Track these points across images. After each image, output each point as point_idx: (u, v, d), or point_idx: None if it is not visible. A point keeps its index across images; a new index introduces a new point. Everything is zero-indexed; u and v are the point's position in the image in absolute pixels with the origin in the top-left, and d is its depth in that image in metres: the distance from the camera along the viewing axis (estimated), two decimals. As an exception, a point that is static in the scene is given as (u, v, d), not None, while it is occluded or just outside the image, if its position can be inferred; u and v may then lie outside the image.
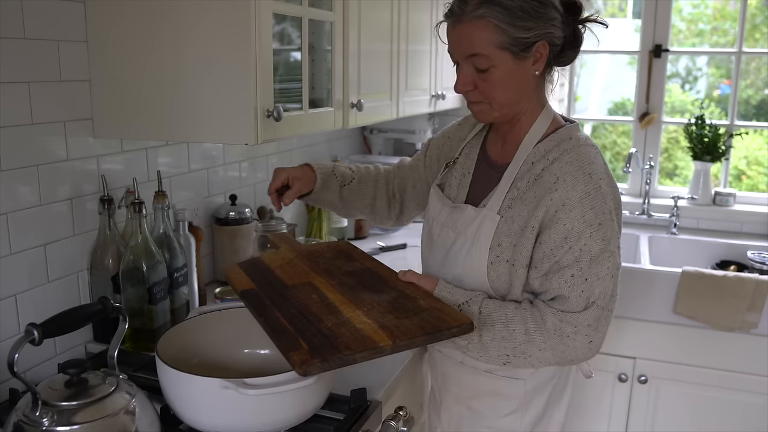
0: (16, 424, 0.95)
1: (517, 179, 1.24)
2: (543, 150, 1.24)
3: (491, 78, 1.19)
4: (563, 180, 1.18)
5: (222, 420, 1.05)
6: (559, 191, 1.17)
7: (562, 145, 1.23)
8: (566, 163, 1.19)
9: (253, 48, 1.29)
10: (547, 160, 1.22)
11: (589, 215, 1.16)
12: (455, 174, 1.39)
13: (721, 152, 2.76)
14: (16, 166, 1.30)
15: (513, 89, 1.21)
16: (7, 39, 1.25)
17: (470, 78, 1.21)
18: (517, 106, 1.25)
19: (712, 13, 5.37)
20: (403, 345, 1.03)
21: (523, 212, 1.21)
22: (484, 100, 1.23)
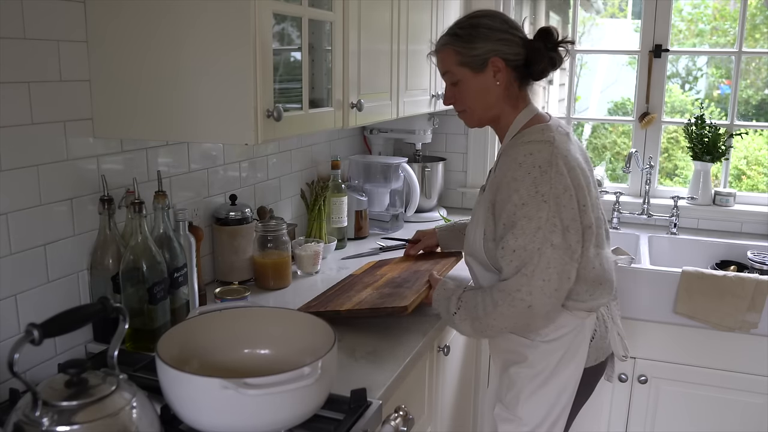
0: (16, 424, 0.95)
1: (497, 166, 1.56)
2: (506, 145, 1.56)
3: (461, 90, 1.56)
4: (500, 168, 1.50)
5: (222, 420, 1.05)
6: (497, 177, 1.49)
7: (525, 134, 1.52)
8: (507, 155, 1.49)
9: (253, 48, 1.29)
10: (506, 155, 1.51)
11: (515, 197, 1.42)
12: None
13: (721, 152, 2.76)
14: (16, 166, 1.30)
15: (480, 97, 1.55)
16: (7, 39, 1.25)
17: (450, 92, 1.60)
18: (491, 110, 1.57)
19: (712, 13, 5.37)
20: (353, 312, 1.61)
21: (489, 195, 1.52)
22: (463, 109, 1.60)
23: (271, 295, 1.87)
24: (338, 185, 2.33)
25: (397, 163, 2.63)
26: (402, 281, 1.79)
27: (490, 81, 1.53)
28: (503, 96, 1.55)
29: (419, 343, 1.57)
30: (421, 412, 1.72)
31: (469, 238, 1.62)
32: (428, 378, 1.75)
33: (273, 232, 1.94)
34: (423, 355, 1.63)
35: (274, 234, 1.94)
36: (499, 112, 1.57)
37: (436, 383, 1.82)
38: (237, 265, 1.92)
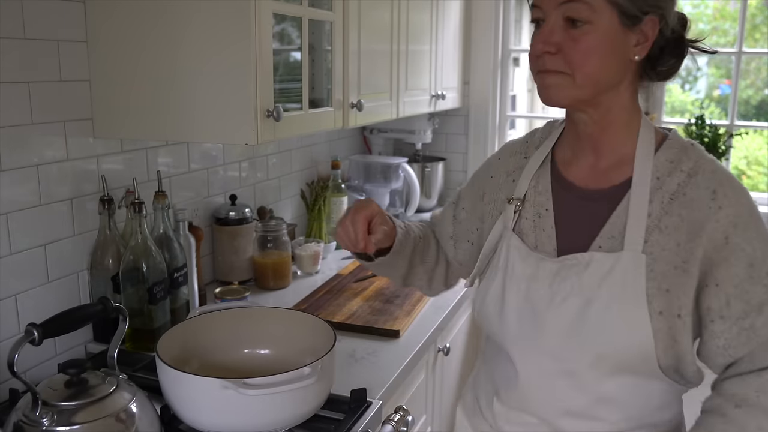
0: (16, 424, 0.95)
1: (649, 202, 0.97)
2: (667, 161, 0.98)
3: (585, 39, 0.92)
4: (724, 194, 0.93)
5: (222, 420, 1.05)
6: (725, 209, 0.93)
7: (689, 152, 0.98)
8: (713, 172, 0.96)
9: (253, 48, 1.29)
10: (681, 173, 0.96)
11: (764, 230, 0.95)
12: (527, 216, 1.07)
13: (721, 152, 2.76)
14: (16, 166, 1.30)
15: (607, 64, 0.94)
16: (7, 39, 1.25)
17: (557, 35, 0.94)
18: (605, 92, 0.97)
19: (712, 13, 5.37)
20: (345, 325, 1.62)
21: (668, 244, 0.94)
22: (565, 70, 0.94)
23: (271, 295, 1.87)
24: (338, 185, 2.33)
25: (397, 163, 2.63)
26: (391, 295, 1.82)
27: (630, 48, 0.96)
28: (630, 80, 1.00)
29: (419, 343, 1.57)
30: (421, 412, 1.72)
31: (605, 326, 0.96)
32: (428, 378, 1.75)
33: (273, 232, 1.94)
34: (423, 355, 1.63)
35: (274, 234, 1.94)
36: (614, 104, 1.00)
37: (436, 383, 1.82)
38: (237, 265, 1.92)
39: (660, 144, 1.00)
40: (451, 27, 2.58)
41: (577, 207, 1.03)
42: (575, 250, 1.00)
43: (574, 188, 1.04)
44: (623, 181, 1.00)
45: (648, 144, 1.00)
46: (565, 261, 1.00)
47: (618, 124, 1.01)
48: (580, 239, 1.00)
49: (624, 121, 1.01)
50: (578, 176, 1.05)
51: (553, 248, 1.03)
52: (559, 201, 1.05)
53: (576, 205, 1.03)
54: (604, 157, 1.03)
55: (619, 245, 0.96)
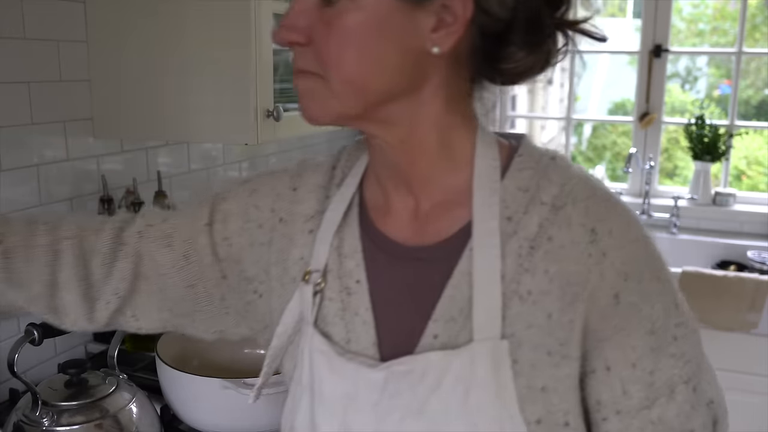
0: (16, 424, 0.95)
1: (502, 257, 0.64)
2: (519, 190, 0.65)
3: (339, 23, 0.60)
4: (608, 232, 0.63)
5: (222, 420, 1.05)
6: (611, 254, 0.62)
7: (549, 172, 0.66)
8: (588, 198, 0.64)
9: (253, 48, 1.29)
10: (542, 205, 0.64)
11: (663, 275, 0.67)
12: (330, 295, 0.70)
13: (721, 152, 2.76)
14: (16, 166, 1.30)
15: (379, 61, 0.61)
16: (7, 39, 1.25)
17: (307, 16, 0.61)
18: (390, 105, 0.63)
19: (712, 13, 5.37)
20: None
21: (535, 319, 0.62)
22: (317, 69, 0.62)
23: (271, 295, 1.87)
24: (338, 185, 2.32)
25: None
26: None
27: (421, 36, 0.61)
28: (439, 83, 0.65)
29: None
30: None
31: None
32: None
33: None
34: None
35: (274, 234, 1.94)
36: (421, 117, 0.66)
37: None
38: (237, 265, 1.92)
39: (507, 164, 0.67)
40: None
41: (399, 275, 0.68)
42: (404, 344, 0.64)
43: (392, 246, 0.69)
44: (460, 230, 0.66)
45: (489, 170, 0.66)
46: (392, 368, 0.64)
47: (432, 147, 0.66)
48: (408, 325, 0.65)
49: (441, 142, 0.66)
50: (396, 227, 0.69)
51: (372, 343, 0.66)
52: (376, 268, 0.69)
53: (397, 271, 0.68)
54: (425, 197, 0.68)
55: (465, 333, 0.62)
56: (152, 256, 0.79)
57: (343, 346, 0.68)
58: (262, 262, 0.76)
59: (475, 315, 0.62)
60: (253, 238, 0.77)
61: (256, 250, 0.77)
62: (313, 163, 0.79)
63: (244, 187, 0.79)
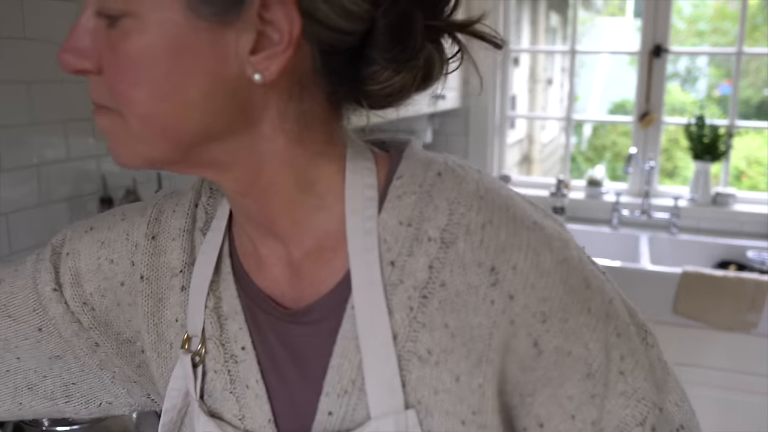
0: (16, 424, 0.95)
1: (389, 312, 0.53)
2: (400, 224, 0.53)
3: (124, 45, 0.48)
4: (511, 268, 0.51)
5: (222, 420, 1.05)
6: (520, 295, 0.51)
7: (434, 195, 0.53)
8: (483, 226, 0.51)
9: (253, 48, 1.29)
10: (429, 242, 0.52)
11: (594, 303, 0.53)
12: (214, 366, 0.60)
13: (721, 152, 2.76)
14: (16, 166, 1.30)
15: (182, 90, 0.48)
16: (7, 39, 1.25)
17: (90, 36, 0.53)
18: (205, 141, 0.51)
19: (712, 13, 5.37)
20: None
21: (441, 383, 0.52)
22: (112, 105, 0.53)
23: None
24: (338, 185, 2.32)
25: (397, 163, 2.63)
26: None
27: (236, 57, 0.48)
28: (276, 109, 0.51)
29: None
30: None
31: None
32: None
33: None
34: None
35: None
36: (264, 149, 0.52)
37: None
38: (237, 265, 1.91)
39: (386, 190, 0.55)
40: (451, 27, 2.58)
41: (282, 338, 0.57)
42: (300, 420, 0.56)
43: (270, 306, 0.58)
44: (338, 283, 0.55)
45: (363, 203, 0.54)
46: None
47: (287, 188, 0.54)
48: (300, 398, 0.56)
49: (297, 180, 0.54)
50: (272, 281, 0.59)
51: (267, 420, 0.58)
52: (259, 331, 0.59)
53: (280, 335, 0.58)
54: (294, 245, 0.57)
55: (362, 407, 0.53)
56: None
57: (237, 424, 0.58)
58: (134, 323, 0.65)
59: (368, 386, 0.52)
60: (118, 298, 0.64)
61: (125, 310, 0.64)
62: (171, 201, 0.64)
63: (91, 237, 0.65)
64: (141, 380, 0.68)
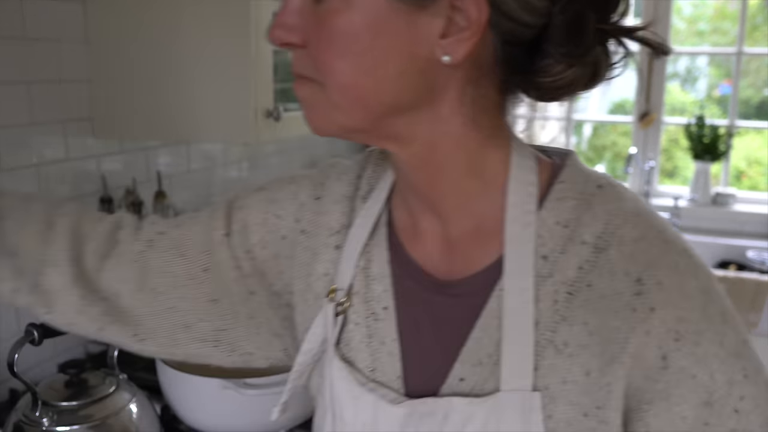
0: (16, 424, 0.95)
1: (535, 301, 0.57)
2: (557, 224, 0.57)
3: (331, 21, 0.53)
4: (657, 283, 0.53)
5: (222, 420, 1.05)
6: (660, 310, 0.53)
7: (593, 204, 0.57)
8: (636, 241, 0.55)
9: (252, 48, 1.29)
10: (583, 245, 0.56)
11: (727, 338, 0.54)
12: (356, 319, 0.65)
13: (721, 152, 2.76)
14: (16, 166, 1.30)
15: (380, 64, 0.53)
16: (7, 39, 1.25)
17: (299, 12, 0.57)
18: (399, 118, 0.56)
19: (712, 13, 5.37)
20: None
21: (571, 374, 0.55)
22: (314, 75, 0.56)
23: (271, 295, 1.87)
24: (338, 185, 2.32)
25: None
26: None
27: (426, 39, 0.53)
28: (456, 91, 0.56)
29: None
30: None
31: None
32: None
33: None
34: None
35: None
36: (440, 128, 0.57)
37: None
38: (237, 265, 1.92)
39: (547, 191, 0.59)
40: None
41: (426, 306, 0.62)
42: (429, 381, 0.60)
43: (421, 276, 0.63)
44: (491, 264, 0.59)
45: (524, 197, 0.58)
46: (414, 407, 0.59)
47: (457, 169, 0.59)
48: (434, 362, 0.60)
49: (469, 163, 0.58)
50: (426, 253, 0.63)
51: (397, 376, 0.62)
52: (404, 296, 0.63)
53: (425, 303, 0.62)
54: (454, 223, 0.61)
55: (493, 380, 0.56)
56: (163, 268, 0.71)
57: (367, 374, 0.63)
58: (285, 276, 0.71)
59: (503, 362, 0.55)
60: (278, 250, 0.71)
61: (281, 263, 0.71)
62: (337, 170, 0.71)
63: (262, 195, 0.72)
64: (283, 334, 0.73)
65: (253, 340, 0.74)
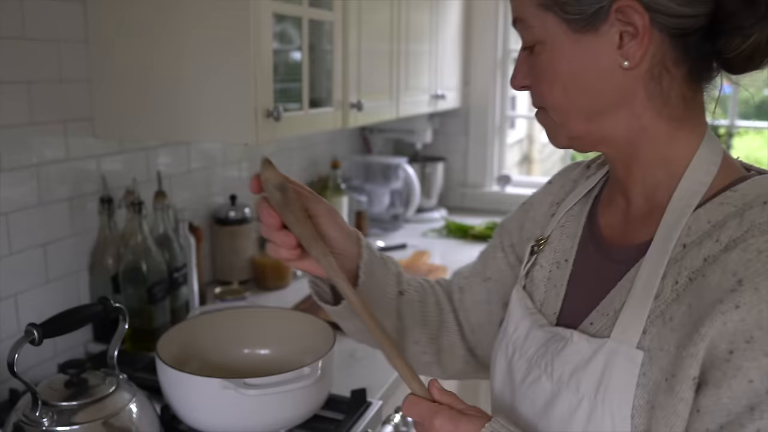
0: (16, 424, 0.95)
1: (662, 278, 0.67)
2: (708, 222, 0.66)
3: (537, 64, 0.71)
4: (754, 288, 0.60)
5: (222, 420, 1.05)
6: (743, 309, 0.59)
7: (747, 215, 0.64)
8: (757, 252, 0.61)
9: (252, 48, 1.29)
10: (717, 243, 0.64)
11: None
12: (543, 263, 0.83)
13: (721, 152, 2.76)
14: (16, 166, 1.30)
15: (577, 85, 0.69)
16: (7, 39, 1.25)
17: (522, 64, 0.74)
18: (599, 120, 0.70)
19: (712, 13, 5.36)
20: None
21: (667, 343, 0.65)
22: (541, 104, 0.74)
23: (271, 295, 1.87)
24: (338, 185, 2.32)
25: (397, 163, 2.63)
26: None
27: (607, 55, 0.67)
28: (644, 93, 0.69)
29: (419, 343, 1.57)
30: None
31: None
32: (429, 378, 1.75)
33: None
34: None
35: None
36: (634, 132, 0.71)
37: (436, 383, 1.82)
38: (237, 265, 1.92)
39: (718, 192, 0.68)
40: (451, 27, 2.58)
41: (595, 264, 0.78)
42: (574, 319, 0.75)
43: (599, 239, 0.79)
44: (647, 241, 0.70)
45: (691, 192, 0.69)
46: (552, 333, 0.76)
47: (646, 159, 0.72)
48: (580, 306, 0.76)
49: (658, 155, 0.71)
50: (609, 224, 0.79)
51: (554, 312, 0.79)
52: (582, 254, 0.80)
53: (595, 261, 0.78)
54: (634, 204, 0.75)
55: (609, 329, 0.69)
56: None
57: (537, 306, 0.81)
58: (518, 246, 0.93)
59: (621, 318, 0.68)
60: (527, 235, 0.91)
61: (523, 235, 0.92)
62: (573, 164, 0.91)
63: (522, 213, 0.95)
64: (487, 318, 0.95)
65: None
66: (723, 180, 0.69)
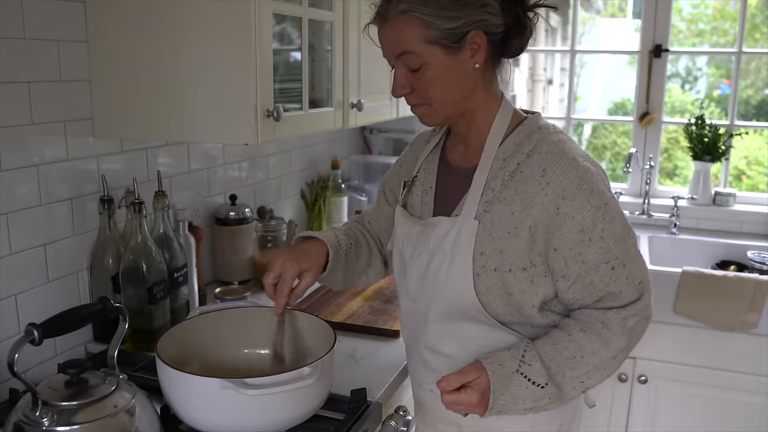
0: (16, 424, 0.95)
1: (490, 179, 1.13)
2: (513, 144, 1.13)
3: (425, 77, 1.09)
4: (552, 171, 1.08)
5: (222, 420, 1.05)
6: (552, 184, 1.07)
7: (533, 136, 1.13)
8: (547, 152, 1.10)
9: (253, 48, 1.29)
10: (521, 154, 1.12)
11: (594, 199, 1.07)
12: (416, 191, 1.26)
13: (721, 152, 2.76)
14: (16, 166, 1.30)
15: (452, 86, 1.11)
16: (7, 39, 1.25)
17: (405, 79, 1.12)
18: (462, 103, 1.14)
19: (712, 13, 5.37)
20: (345, 325, 1.64)
21: (504, 213, 1.10)
22: (423, 102, 1.13)
23: (271, 295, 1.87)
24: (338, 185, 2.32)
25: (397, 163, 2.63)
26: (391, 295, 1.83)
27: (466, 63, 1.09)
28: (479, 82, 1.13)
29: (419, 343, 1.57)
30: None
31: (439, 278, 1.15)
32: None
33: (273, 232, 1.94)
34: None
35: (274, 234, 1.94)
36: (474, 105, 1.15)
37: (436, 383, 1.82)
38: (237, 265, 1.92)
39: (513, 129, 1.16)
40: (451, 27, 2.57)
41: (451, 182, 1.22)
42: (444, 215, 1.18)
43: (451, 168, 1.23)
44: (479, 162, 1.16)
45: (498, 131, 1.16)
46: (426, 223, 1.19)
47: (479, 118, 1.17)
48: (448, 207, 1.19)
49: (483, 114, 1.17)
50: (455, 158, 1.23)
51: (430, 215, 1.22)
52: (441, 178, 1.24)
53: (450, 181, 1.22)
54: (470, 144, 1.20)
55: (458, 211, 1.15)
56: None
57: (416, 215, 1.24)
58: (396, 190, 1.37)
59: (465, 205, 1.14)
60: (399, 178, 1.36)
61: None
62: (424, 132, 1.36)
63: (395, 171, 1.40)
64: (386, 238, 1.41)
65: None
66: (515, 122, 1.17)
